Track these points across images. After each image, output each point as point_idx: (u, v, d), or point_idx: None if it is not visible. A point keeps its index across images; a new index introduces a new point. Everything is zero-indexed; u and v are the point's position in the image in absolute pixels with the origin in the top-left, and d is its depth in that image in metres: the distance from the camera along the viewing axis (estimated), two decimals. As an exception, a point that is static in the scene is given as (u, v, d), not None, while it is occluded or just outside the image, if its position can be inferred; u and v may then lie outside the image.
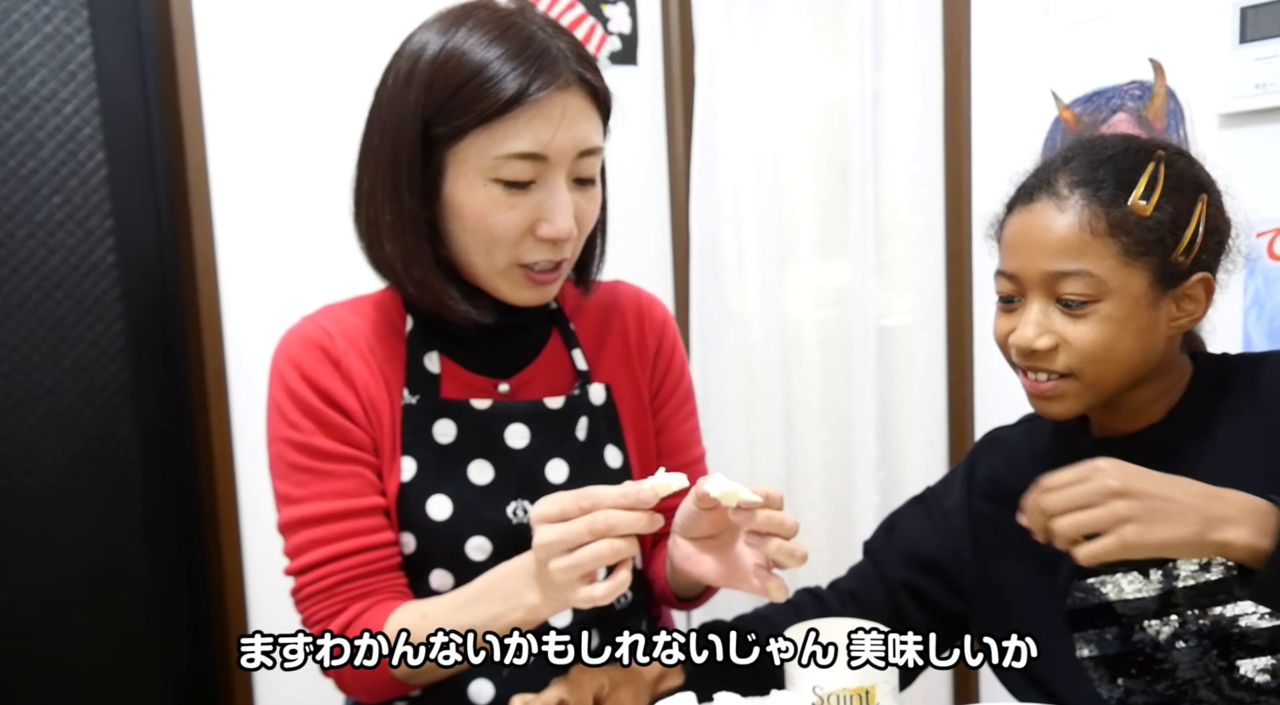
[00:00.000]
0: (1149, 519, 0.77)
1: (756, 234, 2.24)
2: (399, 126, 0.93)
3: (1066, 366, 0.91)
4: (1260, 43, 1.42)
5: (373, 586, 0.96)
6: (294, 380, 0.98)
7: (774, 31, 2.18)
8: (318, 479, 0.97)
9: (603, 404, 1.05)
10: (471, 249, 0.95)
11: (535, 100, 0.89)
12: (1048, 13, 1.71)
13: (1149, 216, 0.89)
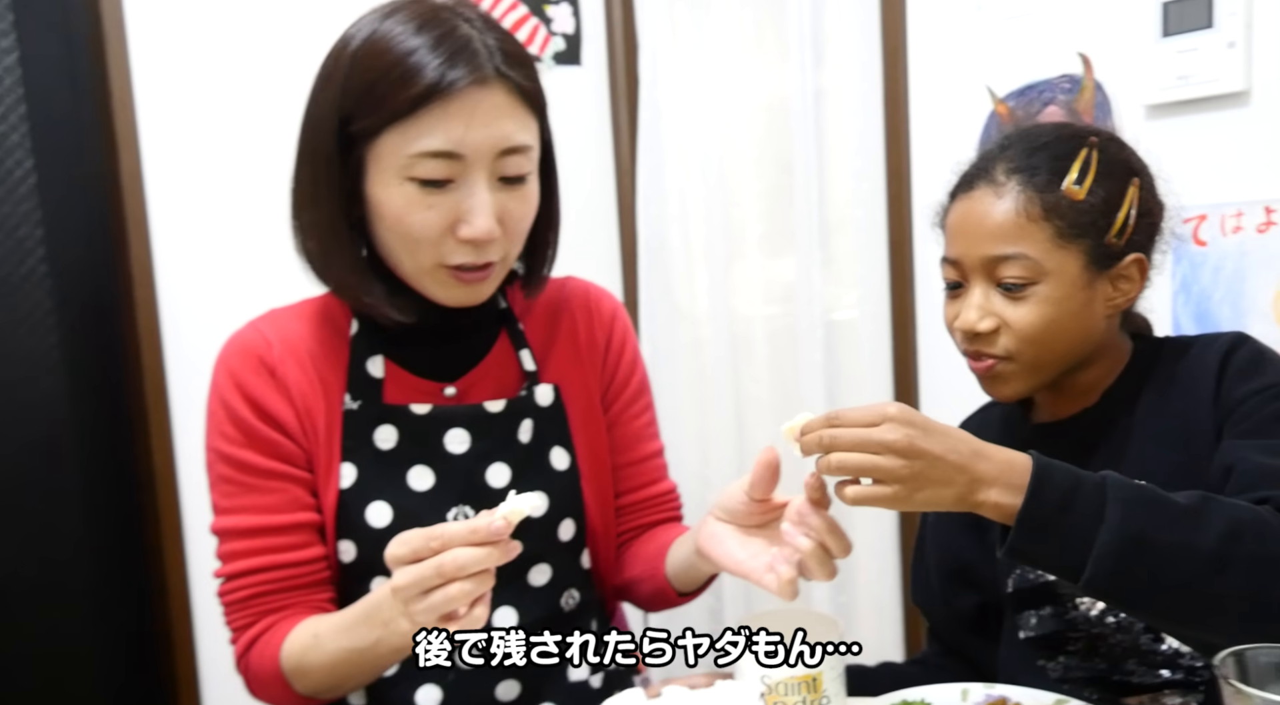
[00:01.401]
0: (916, 481, 0.75)
1: (703, 231, 2.26)
2: (318, 124, 0.93)
3: (1006, 349, 0.94)
4: (1182, 36, 1.47)
5: (287, 602, 0.96)
6: (228, 391, 0.97)
7: (716, 31, 2.20)
8: (243, 492, 0.97)
9: (550, 405, 1.04)
10: (394, 249, 0.94)
11: (448, 97, 0.87)
12: (981, 8, 1.75)
13: (1082, 200, 0.92)
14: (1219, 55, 1.43)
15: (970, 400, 1.90)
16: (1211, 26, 1.44)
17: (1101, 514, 0.75)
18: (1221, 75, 1.44)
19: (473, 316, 1.02)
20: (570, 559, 1.05)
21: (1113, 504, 0.75)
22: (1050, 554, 0.77)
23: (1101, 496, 0.76)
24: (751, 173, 2.20)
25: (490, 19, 0.94)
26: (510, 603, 1.00)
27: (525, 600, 1.01)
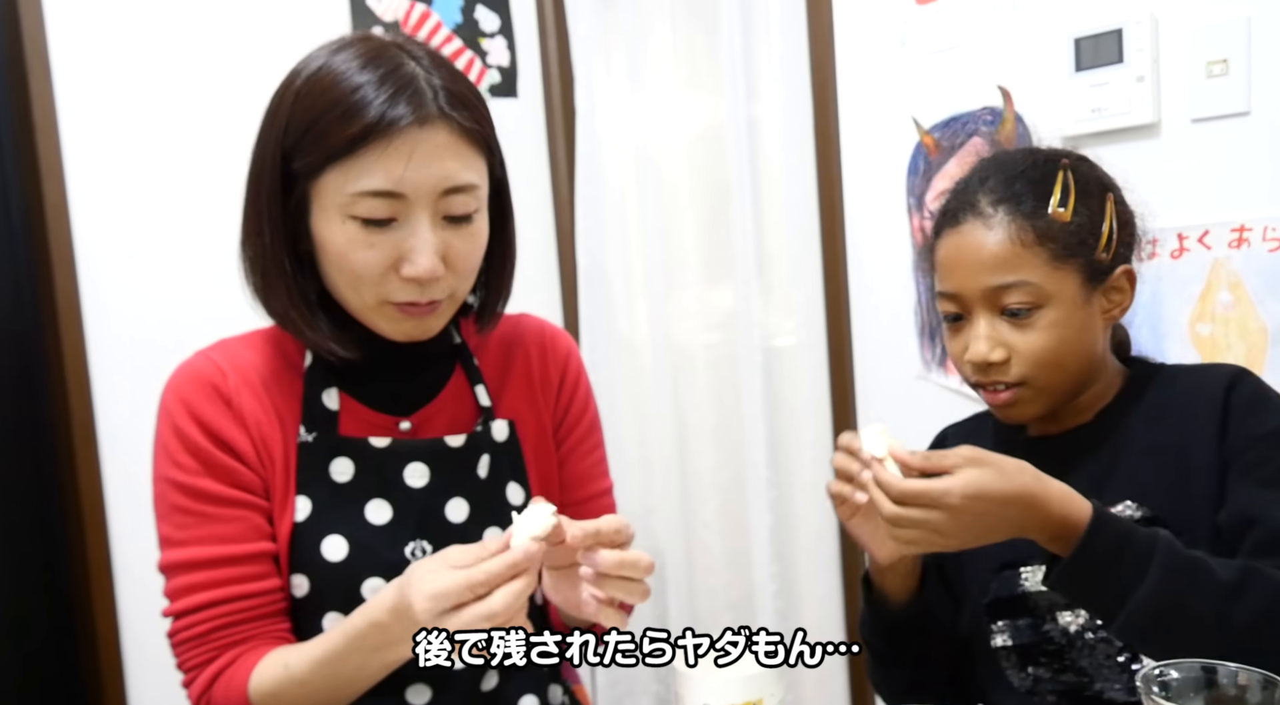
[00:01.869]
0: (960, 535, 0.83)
1: (642, 261, 2.28)
2: (261, 160, 0.93)
3: (1020, 376, 0.96)
4: (1094, 70, 1.53)
5: (249, 633, 0.94)
6: (182, 419, 0.95)
7: (650, 63, 2.23)
8: (200, 522, 0.94)
9: (505, 440, 1.04)
10: (340, 285, 0.95)
11: (389, 136, 0.87)
12: (905, 44, 1.81)
13: (1069, 221, 0.95)
14: (1129, 89, 1.50)
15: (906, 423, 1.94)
16: (1122, 62, 1.50)
17: (1145, 571, 0.80)
18: (1132, 108, 1.50)
19: (427, 351, 1.02)
20: None
21: (1158, 565, 0.80)
22: (1088, 595, 0.84)
23: (1150, 554, 0.81)
24: (688, 202, 2.23)
25: (439, 57, 0.95)
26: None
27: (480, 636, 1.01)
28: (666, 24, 2.19)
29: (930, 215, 1.77)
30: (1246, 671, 0.66)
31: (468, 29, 2.28)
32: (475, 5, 2.29)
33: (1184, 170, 1.47)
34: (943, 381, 1.84)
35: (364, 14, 2.13)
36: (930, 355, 1.85)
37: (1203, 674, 0.67)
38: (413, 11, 2.20)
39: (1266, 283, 1.41)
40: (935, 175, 1.79)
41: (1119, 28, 1.50)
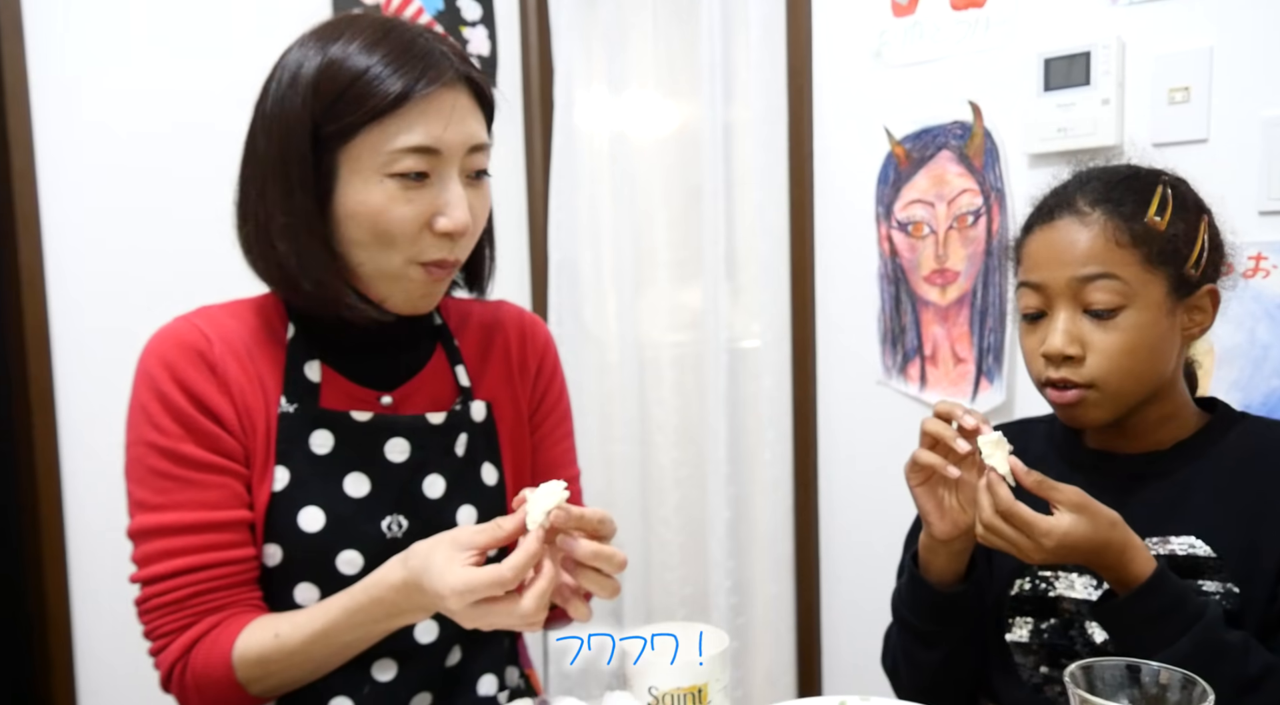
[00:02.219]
0: (1048, 559, 0.89)
1: (613, 257, 2.30)
2: (287, 128, 0.92)
3: (1092, 377, 0.96)
4: (1062, 91, 1.57)
5: (226, 600, 0.94)
6: (165, 382, 0.95)
7: (630, 60, 2.25)
8: (181, 487, 0.94)
9: (483, 421, 1.06)
10: (366, 248, 0.95)
11: (425, 95, 0.91)
12: (879, 56, 1.84)
13: (1164, 231, 0.96)
14: (1094, 111, 1.54)
15: (865, 428, 1.97)
16: (1088, 84, 1.54)
17: (1176, 640, 0.86)
18: (1097, 129, 1.54)
19: (411, 329, 1.04)
20: None
21: (1190, 638, 0.85)
22: (1122, 636, 0.89)
23: (1188, 627, 0.86)
24: (661, 201, 2.25)
25: (434, 31, 0.98)
26: (435, 616, 1.00)
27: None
28: (648, 24, 2.21)
29: (898, 225, 1.81)
30: (1168, 670, 0.69)
31: (449, 16, 2.28)
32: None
33: (1143, 192, 1.51)
34: (902, 388, 1.87)
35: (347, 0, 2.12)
36: (891, 362, 1.89)
37: (1127, 672, 0.70)
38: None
39: (1216, 305, 1.46)
40: (904, 185, 1.83)
41: (1087, 50, 1.54)
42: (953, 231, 1.76)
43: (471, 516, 1.02)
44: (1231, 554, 0.94)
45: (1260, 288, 1.42)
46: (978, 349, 1.75)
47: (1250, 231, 1.42)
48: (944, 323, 1.80)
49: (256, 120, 0.96)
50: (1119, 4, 1.52)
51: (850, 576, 2.01)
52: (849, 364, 1.96)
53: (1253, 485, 0.96)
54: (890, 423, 1.90)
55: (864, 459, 1.96)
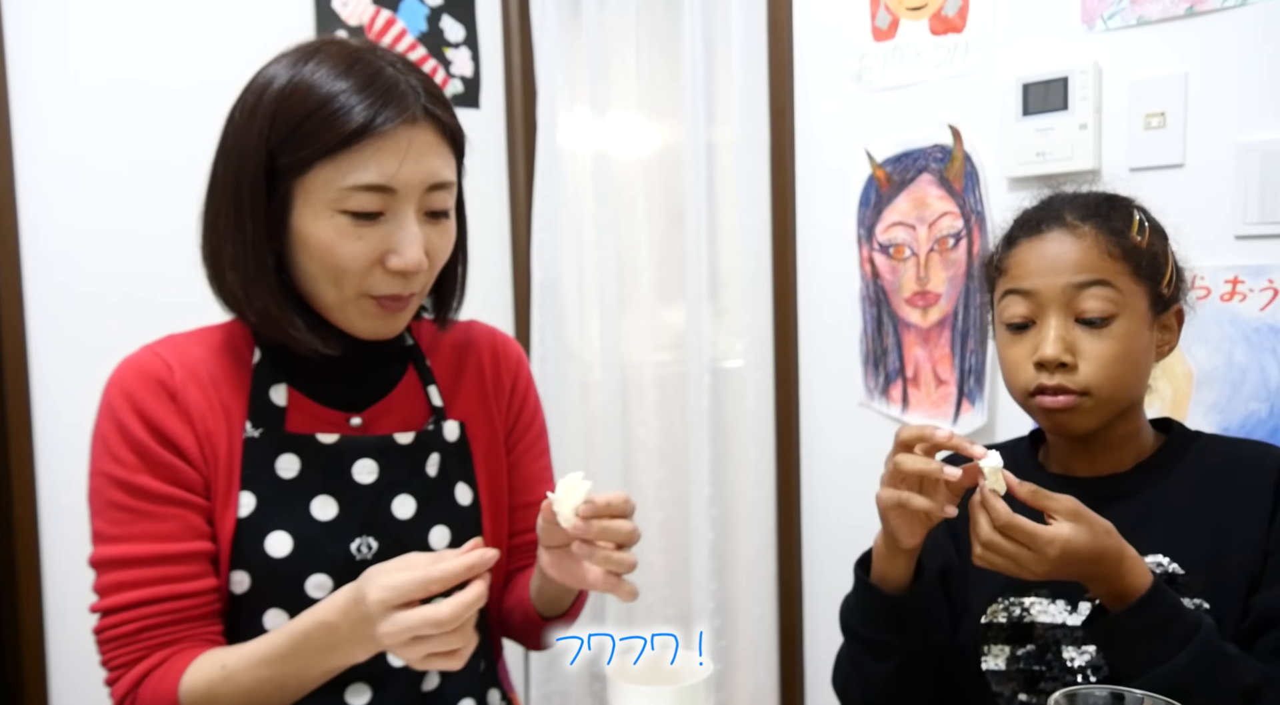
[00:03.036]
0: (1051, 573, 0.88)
1: (596, 277, 2.30)
2: (242, 157, 0.93)
3: (1085, 384, 0.96)
4: (1040, 116, 1.59)
5: (179, 634, 0.93)
6: (125, 413, 0.94)
7: (613, 84, 2.26)
8: (136, 519, 0.93)
9: (456, 441, 1.05)
10: (319, 279, 0.95)
11: (381, 133, 0.90)
12: (860, 79, 1.85)
13: (1146, 248, 0.99)
14: (1072, 136, 1.55)
15: (848, 449, 1.98)
16: (1066, 109, 1.56)
17: (1176, 653, 0.85)
18: (1074, 154, 1.56)
19: (381, 351, 1.04)
20: None
21: (1190, 651, 0.85)
22: (1121, 652, 0.88)
23: (1187, 639, 0.86)
24: (644, 221, 2.25)
25: (407, 61, 0.97)
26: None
27: None
28: (630, 46, 2.22)
29: (880, 247, 1.82)
30: (1152, 698, 0.69)
31: (432, 38, 2.29)
32: (441, 15, 2.30)
33: (1121, 216, 1.53)
34: (885, 409, 1.88)
35: (329, 18, 2.12)
36: (874, 383, 1.89)
37: (1111, 699, 0.70)
38: (378, 18, 2.20)
39: (1194, 330, 1.47)
40: (886, 208, 1.84)
41: (1065, 76, 1.56)
42: (934, 254, 1.77)
43: (445, 537, 1.02)
44: (1199, 569, 0.95)
45: (1237, 311, 1.44)
46: (959, 371, 1.76)
47: (1227, 255, 1.44)
48: (926, 344, 1.80)
49: (219, 144, 0.96)
50: (1095, 30, 1.55)
51: (833, 598, 2.00)
52: (831, 385, 1.97)
53: (1213, 499, 0.98)
54: (872, 444, 1.91)
55: (847, 480, 1.96)
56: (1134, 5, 1.50)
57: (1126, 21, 1.51)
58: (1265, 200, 1.40)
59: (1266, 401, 1.42)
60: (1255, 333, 1.42)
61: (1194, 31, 1.46)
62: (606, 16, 2.24)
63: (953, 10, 1.72)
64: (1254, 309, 1.42)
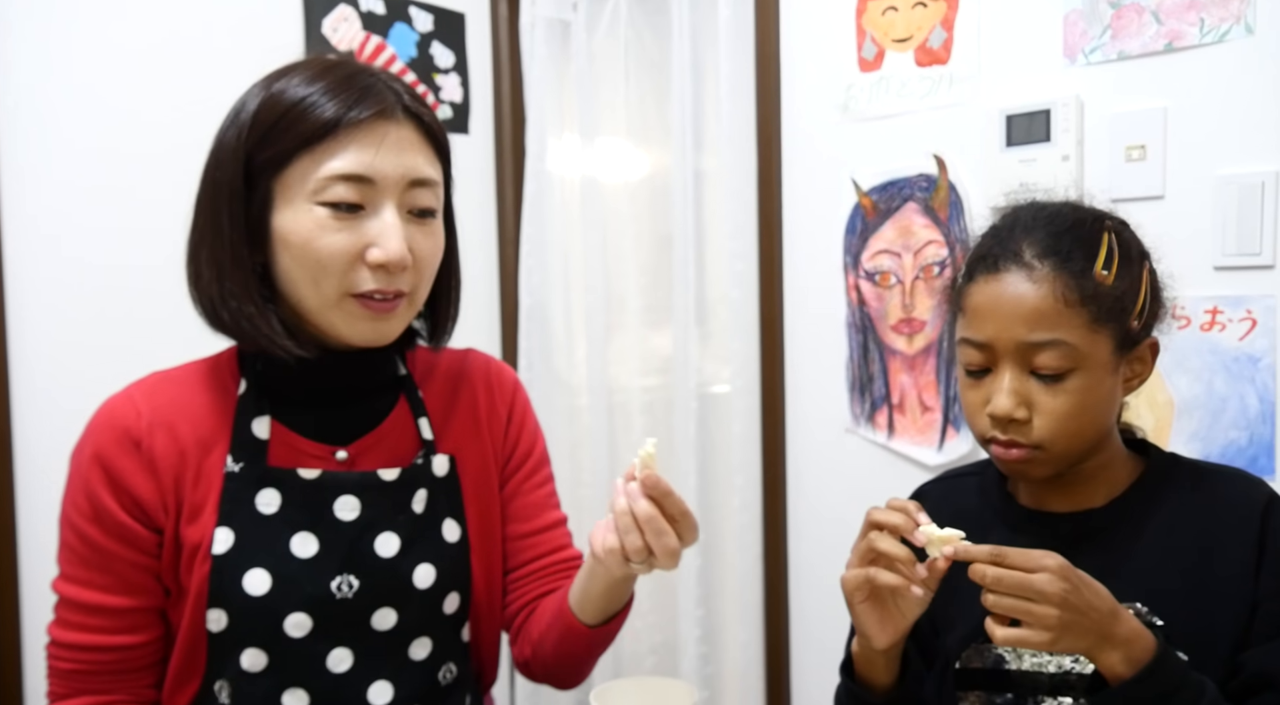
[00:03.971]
0: (1063, 630, 0.82)
1: (584, 302, 2.30)
2: (221, 160, 0.93)
3: (1040, 439, 0.92)
4: (1023, 147, 1.61)
5: (105, 685, 0.95)
6: (88, 465, 0.95)
7: (602, 111, 2.28)
8: (83, 564, 0.95)
9: (445, 475, 1.03)
10: (300, 281, 0.93)
11: (357, 122, 0.90)
12: (846, 109, 1.88)
13: (1111, 285, 0.93)
14: (1055, 166, 1.58)
15: (834, 475, 1.98)
16: (1049, 140, 1.58)
17: None
18: (1057, 185, 1.56)
19: (372, 380, 1.02)
20: (452, 633, 1.04)
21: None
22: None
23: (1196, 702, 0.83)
24: (632, 247, 2.27)
25: (391, 73, 0.99)
26: (388, 677, 0.98)
27: (404, 675, 0.99)
28: (620, 74, 2.24)
29: (866, 274, 1.84)
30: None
31: (422, 64, 2.30)
32: (431, 41, 2.32)
33: (1102, 246, 1.55)
34: (870, 436, 1.88)
35: (319, 42, 2.14)
36: (860, 410, 1.90)
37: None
38: (368, 43, 2.21)
39: (1175, 358, 1.49)
40: (871, 236, 1.86)
41: (1048, 108, 1.58)
42: (919, 282, 1.79)
43: (430, 575, 0.99)
44: (1178, 618, 0.92)
45: (1217, 340, 1.45)
46: (944, 397, 1.77)
47: (1207, 286, 1.46)
48: (911, 371, 1.82)
49: (206, 161, 0.97)
50: (1077, 64, 1.57)
51: (820, 624, 2.00)
52: (818, 411, 1.97)
53: (1193, 542, 0.94)
54: (858, 470, 1.91)
55: (833, 506, 1.96)
56: (1115, 40, 1.53)
57: (1107, 56, 1.54)
58: (1243, 232, 1.42)
59: (1246, 430, 1.43)
60: (1235, 362, 1.44)
61: (1173, 67, 1.48)
62: (596, 44, 2.26)
63: (937, 42, 1.74)
64: (1233, 339, 1.44)
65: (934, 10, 1.74)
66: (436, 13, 2.32)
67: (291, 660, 0.94)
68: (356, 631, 0.96)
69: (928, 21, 1.75)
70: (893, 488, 1.79)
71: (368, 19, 2.21)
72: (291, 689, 0.95)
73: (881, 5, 1.81)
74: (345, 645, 0.96)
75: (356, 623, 0.96)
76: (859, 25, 1.85)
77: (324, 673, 0.95)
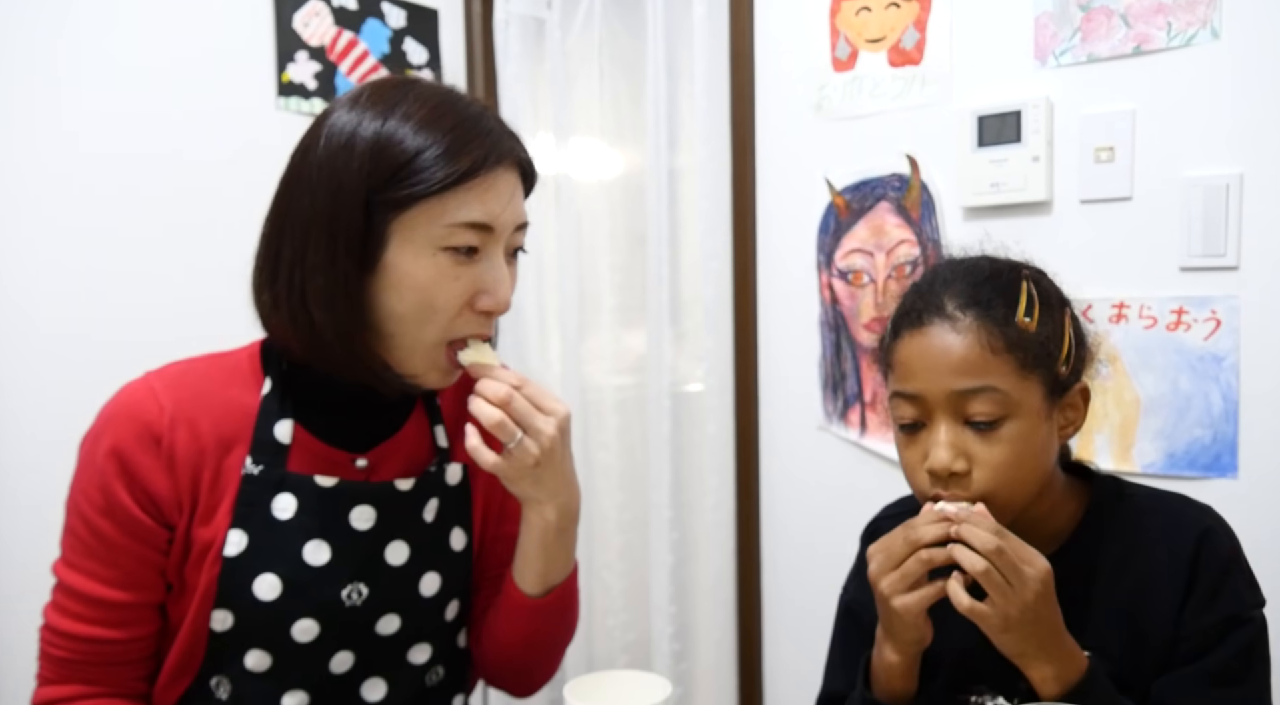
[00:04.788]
0: (1020, 626, 0.84)
1: (558, 300, 2.30)
2: (337, 190, 0.89)
3: (980, 493, 0.91)
4: (995, 147, 1.63)
5: (98, 675, 0.94)
6: (105, 457, 0.92)
7: (576, 109, 2.27)
8: (89, 555, 0.93)
9: (458, 484, 1.04)
10: (406, 319, 0.92)
11: (490, 172, 0.91)
12: (820, 109, 1.89)
13: (1035, 332, 0.92)
14: (1025, 167, 1.60)
15: (807, 473, 1.99)
16: (1020, 141, 1.60)
17: None
18: (1027, 185, 1.60)
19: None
20: (449, 638, 1.05)
21: None
22: None
23: None
24: (606, 246, 2.27)
25: (483, 103, 0.98)
26: (384, 676, 0.99)
27: (400, 677, 1.00)
28: (594, 72, 2.24)
29: (839, 273, 1.85)
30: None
31: (395, 60, 2.29)
32: (404, 37, 2.30)
33: (1072, 247, 1.57)
34: (843, 434, 1.90)
35: (290, 39, 2.12)
36: (832, 408, 1.91)
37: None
38: (340, 39, 2.20)
39: (1141, 357, 1.51)
40: (845, 235, 1.87)
41: (1018, 109, 1.60)
42: (891, 280, 1.80)
43: (435, 584, 1.00)
44: (1122, 662, 0.93)
45: (1182, 340, 1.48)
46: (916, 396, 1.79)
47: (1172, 286, 1.49)
48: (883, 370, 1.83)
49: (297, 177, 0.93)
50: (1048, 66, 1.59)
51: (793, 621, 2.01)
52: (791, 409, 1.98)
53: (1135, 586, 0.94)
54: (831, 467, 1.93)
55: (806, 503, 1.97)
56: (1084, 43, 1.55)
57: (1077, 58, 1.56)
58: (1208, 234, 1.44)
59: (1210, 428, 1.46)
60: (1199, 361, 1.47)
61: (1141, 70, 1.51)
62: (570, 42, 2.26)
63: (910, 43, 1.76)
64: (1198, 338, 1.46)
65: (907, 11, 1.76)
66: (409, 9, 2.31)
67: (295, 662, 0.94)
68: (361, 636, 0.97)
69: (901, 22, 1.77)
70: (865, 485, 1.81)
71: (340, 14, 2.19)
72: (292, 690, 0.95)
73: (855, 5, 1.82)
74: (349, 649, 0.96)
75: (362, 628, 0.97)
76: (833, 25, 1.86)
77: (325, 674, 0.96)
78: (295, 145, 0.95)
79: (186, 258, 1.92)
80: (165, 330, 1.83)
